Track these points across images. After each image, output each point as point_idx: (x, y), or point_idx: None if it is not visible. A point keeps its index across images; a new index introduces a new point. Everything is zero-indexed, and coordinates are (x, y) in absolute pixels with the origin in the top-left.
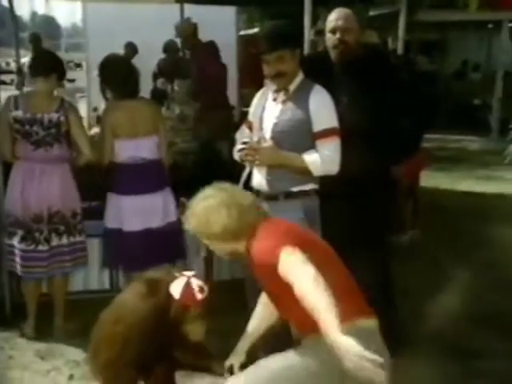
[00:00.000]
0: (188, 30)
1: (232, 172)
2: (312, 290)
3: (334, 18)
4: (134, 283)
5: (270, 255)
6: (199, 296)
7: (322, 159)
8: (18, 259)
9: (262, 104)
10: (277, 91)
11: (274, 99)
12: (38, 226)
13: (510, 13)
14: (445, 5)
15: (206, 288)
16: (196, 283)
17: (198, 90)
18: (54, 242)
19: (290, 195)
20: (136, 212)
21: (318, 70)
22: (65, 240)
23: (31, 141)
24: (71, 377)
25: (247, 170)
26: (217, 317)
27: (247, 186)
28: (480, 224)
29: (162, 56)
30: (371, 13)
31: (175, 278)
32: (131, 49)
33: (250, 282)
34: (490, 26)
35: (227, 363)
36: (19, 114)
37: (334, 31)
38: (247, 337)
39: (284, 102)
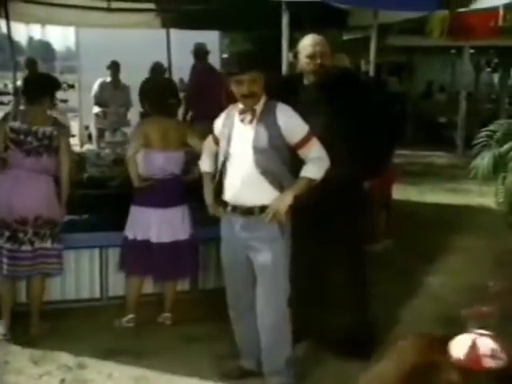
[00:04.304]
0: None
1: None
2: None
3: (311, 43)
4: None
5: None
6: (488, 362)
7: (315, 163)
8: (5, 259)
9: (229, 124)
10: (243, 112)
11: (242, 120)
12: (23, 227)
13: (470, 41)
14: (412, 31)
15: (502, 355)
16: (487, 345)
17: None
18: (37, 244)
19: (265, 209)
20: (166, 224)
21: (293, 91)
22: (49, 244)
23: (23, 149)
24: (63, 381)
25: (216, 180)
26: (203, 323)
27: (219, 198)
28: (448, 233)
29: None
30: (344, 37)
31: (454, 335)
32: (115, 67)
33: (231, 290)
34: (452, 51)
35: None
36: (16, 124)
37: (312, 56)
38: None
39: (251, 121)
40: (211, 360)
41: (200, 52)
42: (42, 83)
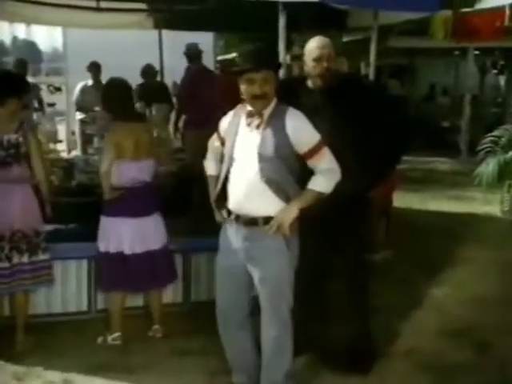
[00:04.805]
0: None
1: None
2: None
3: (317, 46)
4: None
5: None
6: None
7: (325, 175)
8: None
9: (235, 126)
10: (250, 115)
11: (248, 124)
12: (0, 243)
13: (475, 42)
14: (414, 32)
15: None
16: None
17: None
18: (15, 259)
19: (269, 220)
20: (138, 235)
21: (295, 95)
22: (26, 258)
23: None
24: None
25: (218, 186)
26: (195, 337)
27: (221, 202)
28: (451, 242)
29: (140, 80)
30: (344, 39)
31: None
32: (95, 68)
33: (222, 303)
34: (456, 52)
35: None
36: None
37: (319, 59)
38: None
39: (258, 127)
40: (204, 375)
41: (193, 52)
42: (5, 83)
